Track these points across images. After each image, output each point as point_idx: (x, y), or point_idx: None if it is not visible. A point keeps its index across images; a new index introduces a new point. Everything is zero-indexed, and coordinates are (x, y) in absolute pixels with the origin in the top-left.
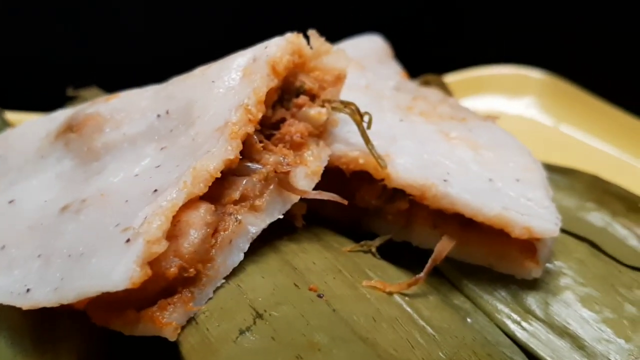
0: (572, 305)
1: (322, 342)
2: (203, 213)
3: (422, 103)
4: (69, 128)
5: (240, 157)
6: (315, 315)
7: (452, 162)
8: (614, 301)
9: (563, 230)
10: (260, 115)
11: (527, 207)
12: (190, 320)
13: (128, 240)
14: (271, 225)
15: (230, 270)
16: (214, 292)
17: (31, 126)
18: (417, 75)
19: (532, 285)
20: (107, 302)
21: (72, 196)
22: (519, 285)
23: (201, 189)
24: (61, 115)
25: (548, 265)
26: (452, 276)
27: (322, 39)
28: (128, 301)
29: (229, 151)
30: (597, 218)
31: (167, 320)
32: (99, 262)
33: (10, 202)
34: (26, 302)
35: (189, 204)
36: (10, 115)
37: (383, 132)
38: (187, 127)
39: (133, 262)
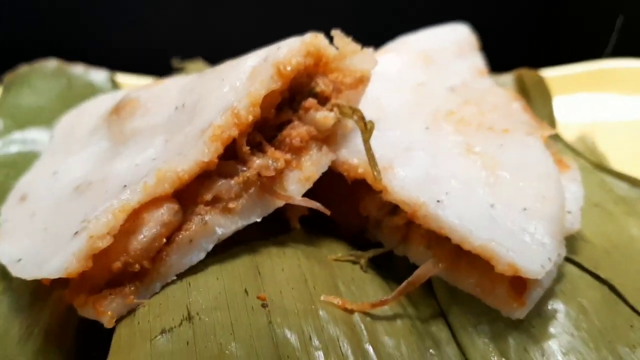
0: (550, 358)
1: (236, 355)
2: (162, 213)
3: (471, 108)
4: (116, 110)
5: (226, 158)
6: (246, 326)
7: (457, 182)
8: None
9: (584, 269)
10: (250, 119)
11: (518, 242)
12: (131, 311)
13: (76, 233)
14: (269, 223)
15: (185, 268)
16: (164, 287)
17: (99, 101)
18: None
19: (518, 325)
20: (73, 283)
21: (87, 177)
22: (505, 323)
23: (165, 189)
24: (120, 95)
25: (547, 306)
26: (442, 298)
27: (348, 39)
28: (82, 286)
29: (205, 154)
30: None
31: (104, 309)
32: (49, 250)
33: (54, 173)
34: (11, 270)
35: (155, 201)
36: (121, 78)
37: (401, 139)
38: (189, 122)
39: (72, 255)
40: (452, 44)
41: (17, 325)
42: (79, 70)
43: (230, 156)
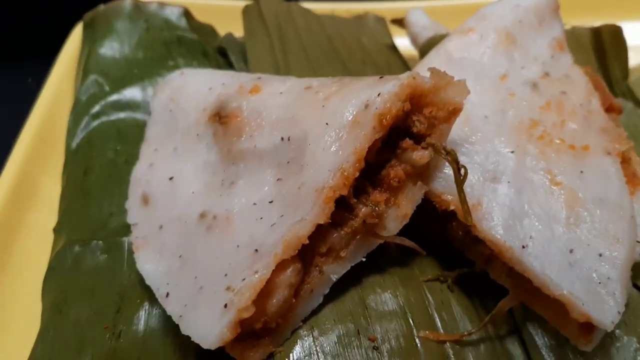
0: None
1: None
2: (289, 275)
3: (552, 115)
4: (218, 115)
5: (335, 207)
6: None
7: (541, 222)
8: None
9: None
10: (357, 174)
11: (593, 293)
12: (270, 356)
13: (226, 306)
14: None
15: (308, 313)
16: (292, 333)
17: (196, 90)
18: None
19: (583, 353)
20: None
21: (209, 204)
22: (572, 348)
23: (291, 253)
24: (217, 89)
25: (610, 337)
26: (518, 315)
27: (443, 72)
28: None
29: (321, 216)
30: None
31: (252, 356)
32: (206, 317)
33: (170, 179)
34: (164, 306)
35: (282, 264)
36: None
37: (487, 165)
38: (299, 168)
39: (225, 327)
40: (533, 14)
41: (170, 341)
42: (153, 7)
43: (338, 204)
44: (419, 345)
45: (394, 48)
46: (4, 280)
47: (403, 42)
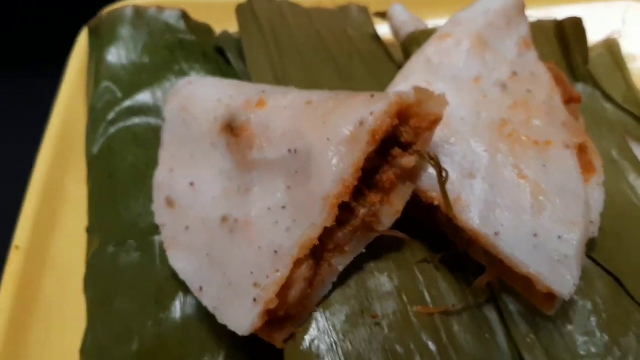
0: (569, 344)
1: None
2: (304, 270)
3: (520, 114)
4: (229, 127)
5: (338, 210)
6: (367, 343)
7: (510, 212)
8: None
9: (597, 263)
10: (356, 182)
11: (554, 270)
12: (292, 335)
13: (255, 300)
14: None
15: (320, 299)
16: (309, 315)
17: (205, 100)
18: None
19: (548, 317)
20: None
21: (229, 208)
22: (539, 313)
23: (305, 253)
24: (225, 100)
25: (569, 303)
26: (494, 286)
27: (424, 89)
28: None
29: (328, 220)
30: None
31: (277, 337)
32: (238, 309)
33: (191, 184)
34: (200, 298)
35: (298, 262)
36: None
37: (464, 164)
38: (307, 178)
39: (256, 317)
40: (502, 16)
41: (205, 326)
42: (152, 11)
43: (341, 207)
44: (413, 318)
45: (377, 37)
46: (47, 278)
47: (385, 30)
